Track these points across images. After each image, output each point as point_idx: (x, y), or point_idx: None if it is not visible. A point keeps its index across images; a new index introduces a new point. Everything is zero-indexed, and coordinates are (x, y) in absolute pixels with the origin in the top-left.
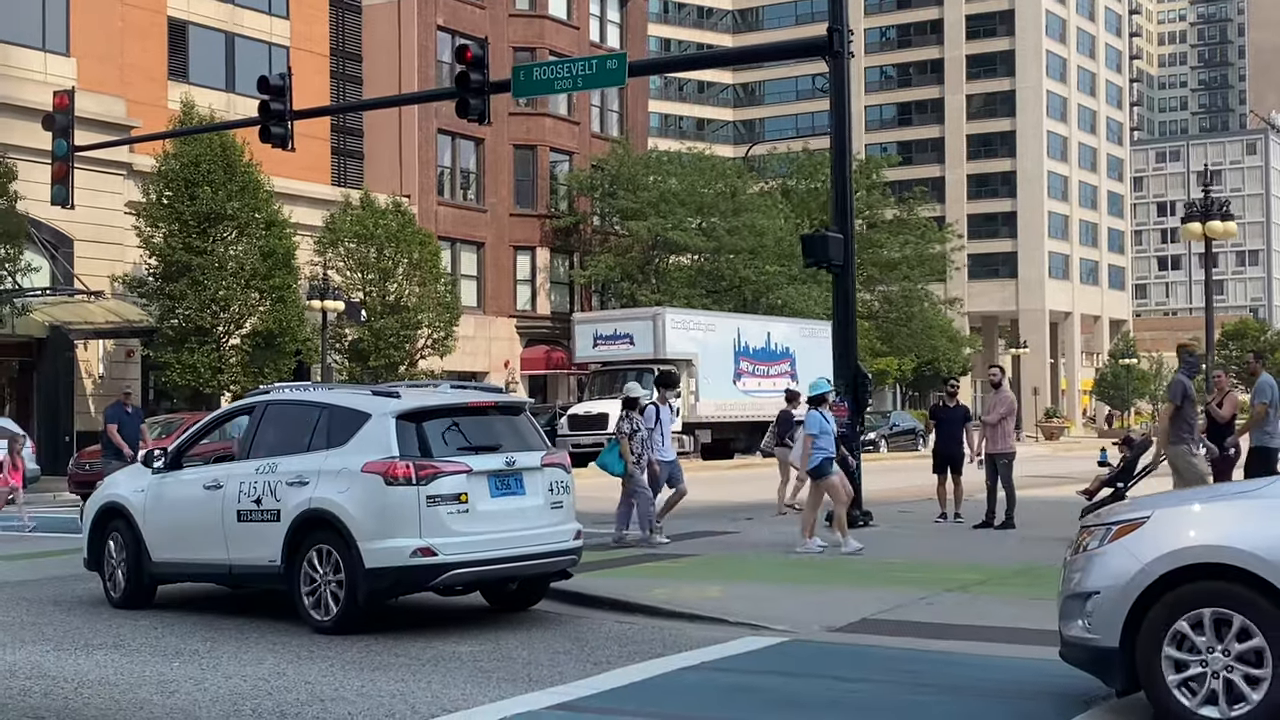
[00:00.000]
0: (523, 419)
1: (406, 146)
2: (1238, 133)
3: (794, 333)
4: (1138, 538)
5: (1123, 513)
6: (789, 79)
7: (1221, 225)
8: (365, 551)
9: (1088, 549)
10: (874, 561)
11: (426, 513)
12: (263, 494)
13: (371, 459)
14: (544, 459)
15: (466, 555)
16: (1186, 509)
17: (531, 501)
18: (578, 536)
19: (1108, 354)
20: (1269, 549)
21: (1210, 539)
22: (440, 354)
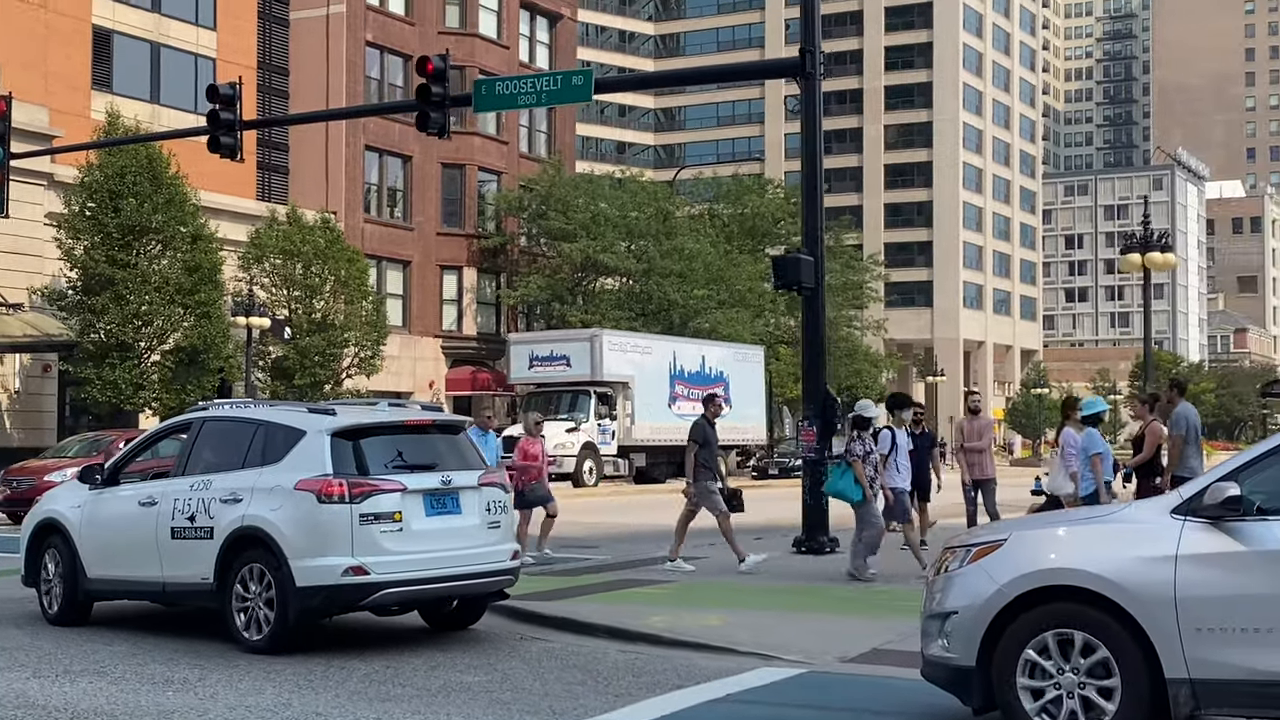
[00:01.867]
0: (462, 438)
1: (333, 162)
2: (1145, 168)
3: (728, 356)
4: (995, 559)
5: (983, 535)
6: (710, 104)
7: (1161, 257)
8: (296, 570)
9: (949, 570)
10: (858, 589)
11: (359, 531)
12: (197, 511)
13: (305, 476)
14: (481, 478)
15: (400, 574)
16: (1042, 532)
17: (468, 521)
18: (515, 557)
19: (1019, 383)
20: (1117, 571)
21: (1063, 562)
22: (367, 373)
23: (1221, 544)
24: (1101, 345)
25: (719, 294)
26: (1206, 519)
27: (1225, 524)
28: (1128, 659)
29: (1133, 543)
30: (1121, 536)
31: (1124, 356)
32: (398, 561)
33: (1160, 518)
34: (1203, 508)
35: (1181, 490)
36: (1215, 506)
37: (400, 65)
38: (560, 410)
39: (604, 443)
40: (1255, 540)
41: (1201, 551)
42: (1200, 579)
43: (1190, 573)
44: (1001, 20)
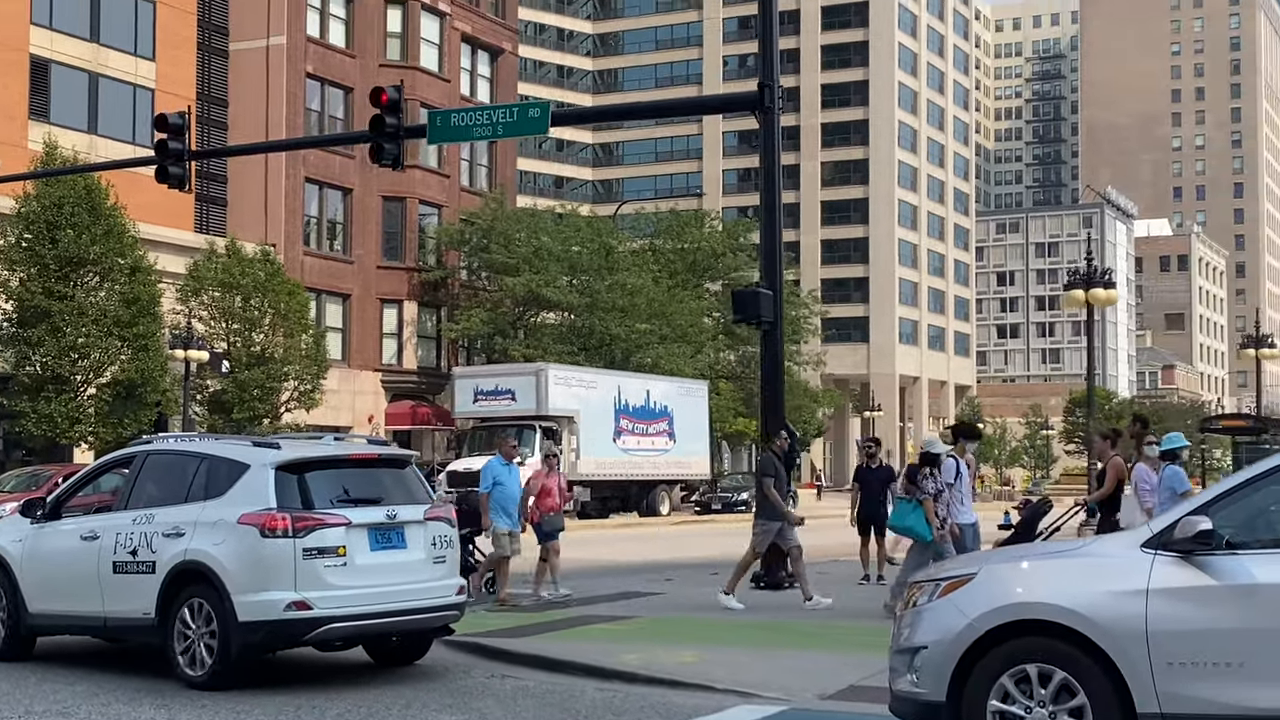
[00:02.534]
0: (408, 472)
1: (273, 194)
2: (1075, 206)
3: (673, 391)
4: (965, 593)
5: (951, 569)
6: (648, 140)
7: (1104, 293)
8: (239, 605)
9: (917, 604)
10: (820, 624)
11: (303, 565)
12: (139, 545)
13: (248, 510)
14: (427, 513)
15: (343, 609)
16: (1012, 566)
17: (413, 555)
18: (461, 591)
19: (954, 419)
20: (1088, 606)
21: (1034, 596)
22: (306, 407)
23: (1193, 578)
24: (1033, 381)
25: (661, 329)
26: (1177, 553)
27: (1196, 558)
28: (1099, 693)
29: (1104, 577)
30: (1092, 570)
31: (1055, 392)
32: (341, 596)
33: (1131, 552)
34: (1174, 542)
35: (1152, 524)
36: (1187, 540)
37: (341, 97)
38: None
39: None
40: (1226, 574)
41: (1173, 585)
42: (1171, 613)
43: (1161, 607)
44: (936, 59)
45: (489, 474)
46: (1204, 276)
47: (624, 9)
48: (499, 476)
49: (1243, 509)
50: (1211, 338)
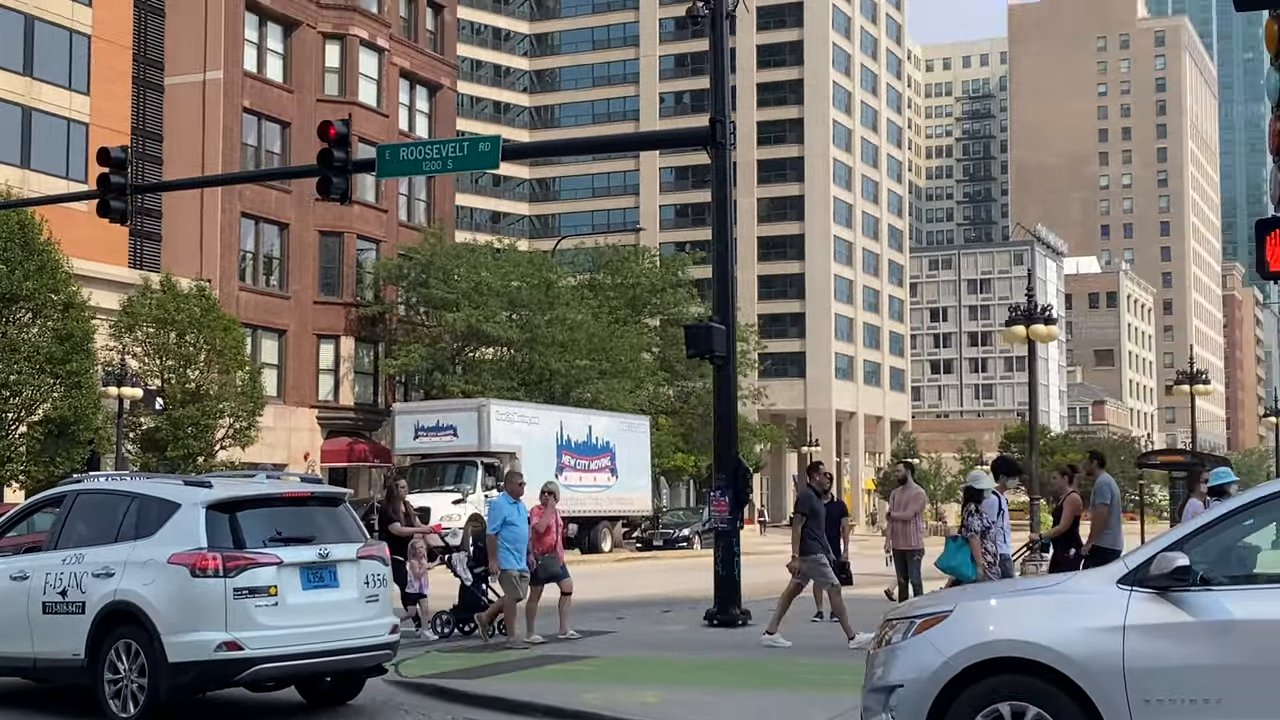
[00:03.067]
0: (341, 510)
1: (208, 229)
2: (1005, 244)
3: (614, 426)
4: (941, 631)
5: (926, 606)
6: (585, 175)
7: (1045, 329)
8: (169, 645)
9: (891, 642)
10: (780, 662)
11: (234, 605)
12: (68, 586)
13: (178, 550)
14: (360, 551)
15: (275, 649)
16: (988, 603)
17: (345, 594)
18: (394, 630)
19: (890, 454)
20: (1066, 643)
21: (1011, 633)
22: (242, 445)
23: (1169, 615)
24: (967, 416)
25: (600, 364)
26: (1153, 589)
27: (1172, 594)
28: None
29: (1080, 613)
30: (1069, 607)
31: (988, 428)
32: (273, 636)
33: (1107, 588)
34: (1150, 578)
35: (1127, 560)
36: (1163, 577)
37: (278, 132)
38: (446, 481)
39: None
40: (1203, 611)
41: (1149, 622)
42: (1148, 650)
43: (1138, 644)
44: (869, 98)
45: (498, 513)
46: (1132, 313)
47: (560, 45)
48: (509, 516)
49: (1216, 545)
50: (1140, 374)
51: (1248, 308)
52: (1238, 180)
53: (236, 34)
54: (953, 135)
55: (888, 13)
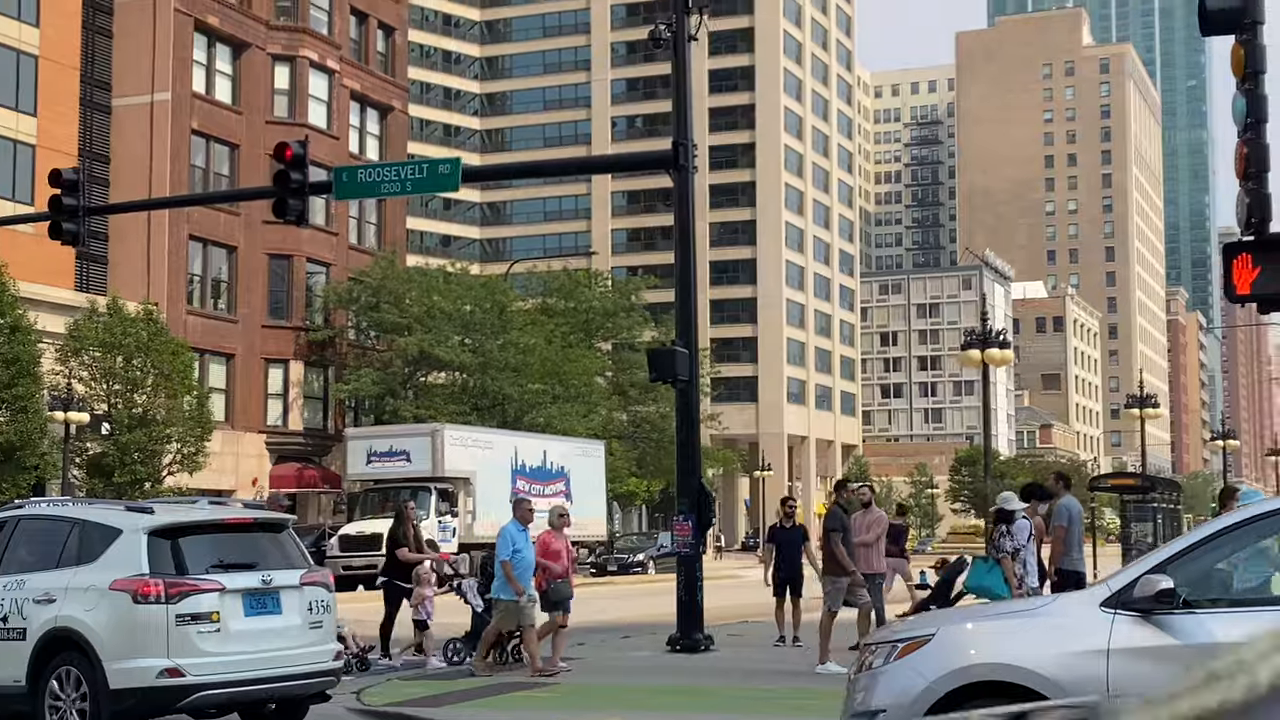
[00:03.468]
0: (284, 536)
1: (155, 252)
2: (954, 268)
3: (569, 451)
4: (923, 655)
5: (908, 630)
6: (537, 199)
7: (1000, 353)
8: (110, 672)
9: (872, 667)
10: (742, 688)
11: (175, 632)
12: (9, 612)
13: (120, 576)
14: (303, 578)
15: (217, 676)
16: (971, 626)
17: (288, 621)
18: (338, 657)
19: (841, 477)
20: (1050, 667)
21: (995, 657)
22: (190, 470)
23: (1153, 638)
24: (916, 440)
25: (554, 389)
26: (1137, 612)
27: (1155, 617)
28: None
29: (1064, 637)
30: (1052, 630)
31: (938, 451)
32: (215, 663)
33: (1090, 611)
34: (1133, 601)
35: (1110, 583)
36: (1147, 599)
37: (226, 154)
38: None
39: (445, 540)
40: (1186, 634)
41: (1133, 645)
42: (1132, 673)
43: (1122, 667)
44: (820, 123)
45: (508, 540)
46: (1079, 338)
47: (512, 69)
48: (517, 542)
49: (1199, 568)
50: (1086, 398)
51: (1191, 332)
52: (1181, 206)
53: (185, 55)
54: (901, 161)
55: (838, 39)
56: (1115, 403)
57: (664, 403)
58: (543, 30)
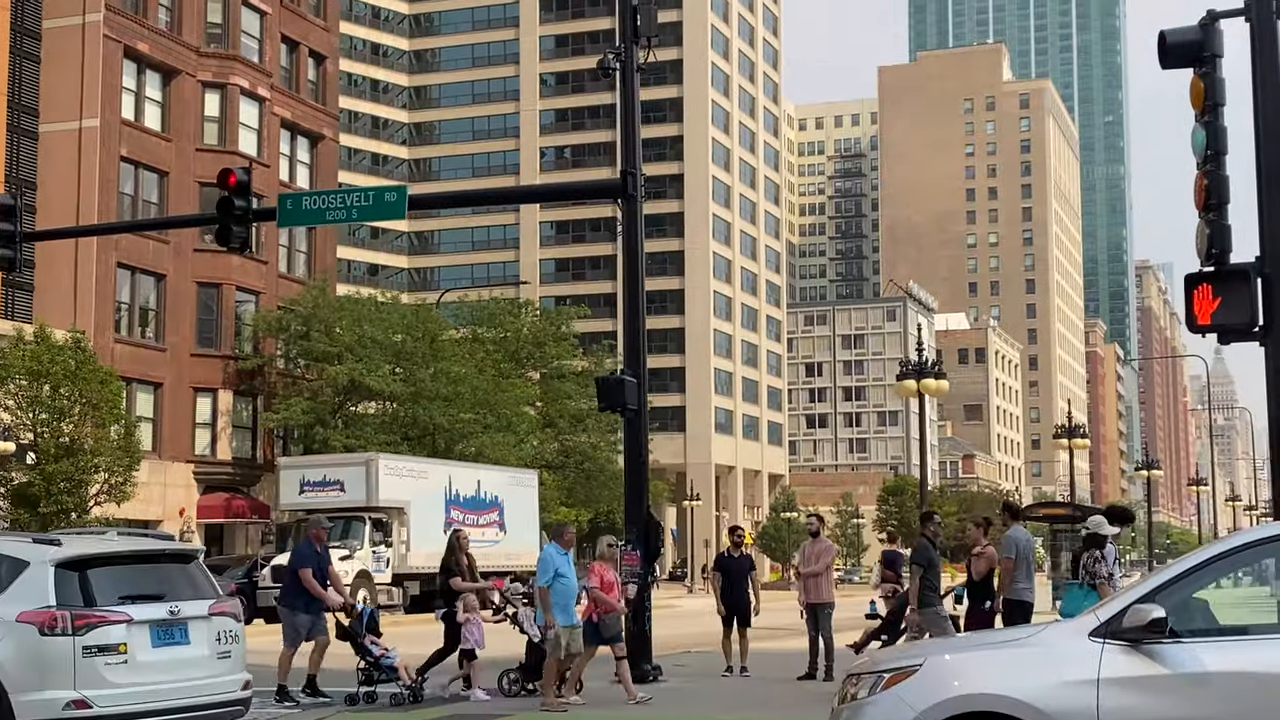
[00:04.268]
0: (193, 567)
1: (83, 280)
2: (878, 300)
3: (503, 481)
4: (910, 686)
5: (893, 660)
6: (465, 229)
7: (935, 383)
8: (16, 704)
9: (857, 698)
10: (705, 717)
11: (82, 664)
12: None
13: (27, 608)
14: (212, 608)
15: (124, 707)
16: (960, 656)
17: (196, 651)
18: (246, 687)
19: (769, 507)
20: (1041, 696)
21: (984, 687)
22: (117, 500)
23: (1143, 667)
24: (841, 470)
25: (485, 418)
26: (1126, 641)
27: (1145, 647)
28: None
29: (1053, 666)
30: (1041, 660)
31: (863, 481)
32: (122, 694)
33: (1079, 640)
34: (1123, 630)
35: (1098, 612)
36: (1138, 629)
37: (155, 181)
38: (333, 537)
39: (378, 570)
40: (1177, 663)
41: (1123, 675)
42: (1123, 703)
43: (1113, 697)
44: (748, 155)
45: (549, 565)
46: (1000, 369)
47: (440, 99)
48: (560, 568)
49: (1187, 597)
50: (1008, 428)
51: (1109, 364)
52: (1099, 240)
53: (114, 81)
54: (825, 193)
55: (765, 72)
56: (1036, 433)
57: (594, 433)
58: (471, 60)
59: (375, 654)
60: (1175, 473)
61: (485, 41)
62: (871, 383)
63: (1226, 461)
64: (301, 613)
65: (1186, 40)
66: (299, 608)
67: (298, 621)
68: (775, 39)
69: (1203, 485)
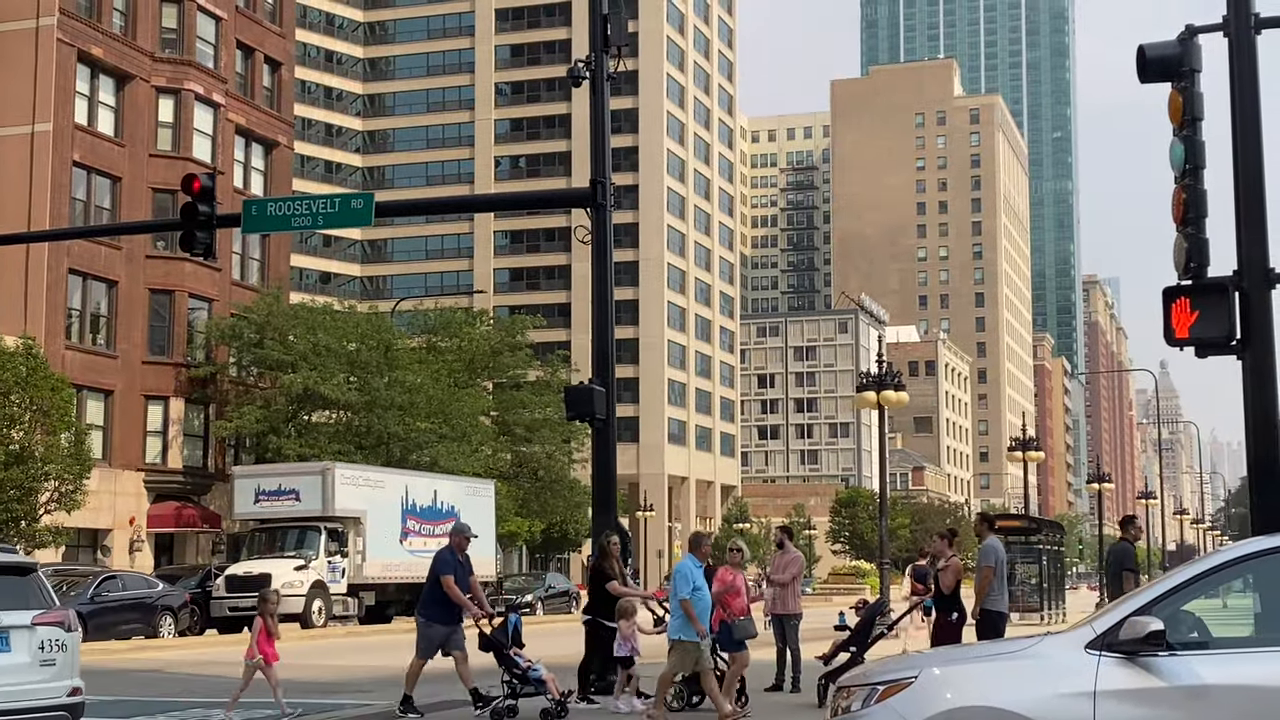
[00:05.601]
0: (29, 580)
1: (34, 286)
2: (830, 312)
3: (460, 491)
4: (905, 698)
5: (887, 672)
6: (419, 238)
7: (895, 395)
8: None
9: (850, 710)
10: None
11: None
12: None
13: None
14: (36, 618)
15: None
16: (955, 669)
17: (17, 659)
18: (75, 693)
19: (721, 518)
20: (1037, 709)
21: (979, 699)
22: (67, 509)
23: (1140, 680)
24: (793, 481)
25: (440, 427)
26: (1123, 654)
27: (1141, 659)
28: None
29: (1049, 679)
30: (1037, 672)
31: (815, 492)
32: None
33: (1075, 653)
34: (1119, 643)
35: (1095, 625)
36: (1135, 641)
37: (108, 186)
38: (288, 547)
39: (334, 581)
40: (1174, 676)
41: (1120, 688)
42: (1120, 716)
43: (1110, 709)
44: (702, 166)
45: (687, 577)
46: (950, 381)
47: (394, 107)
48: (697, 580)
49: (1182, 610)
50: (957, 440)
51: (1057, 377)
52: (1046, 254)
53: (67, 86)
54: (777, 205)
55: (720, 84)
56: (984, 446)
57: (549, 443)
58: (426, 69)
59: (521, 666)
60: (1122, 486)
61: (440, 50)
62: (823, 394)
63: (1172, 475)
64: (438, 624)
65: (1165, 55)
66: (435, 618)
67: (432, 634)
68: (730, 51)
69: (1151, 499)
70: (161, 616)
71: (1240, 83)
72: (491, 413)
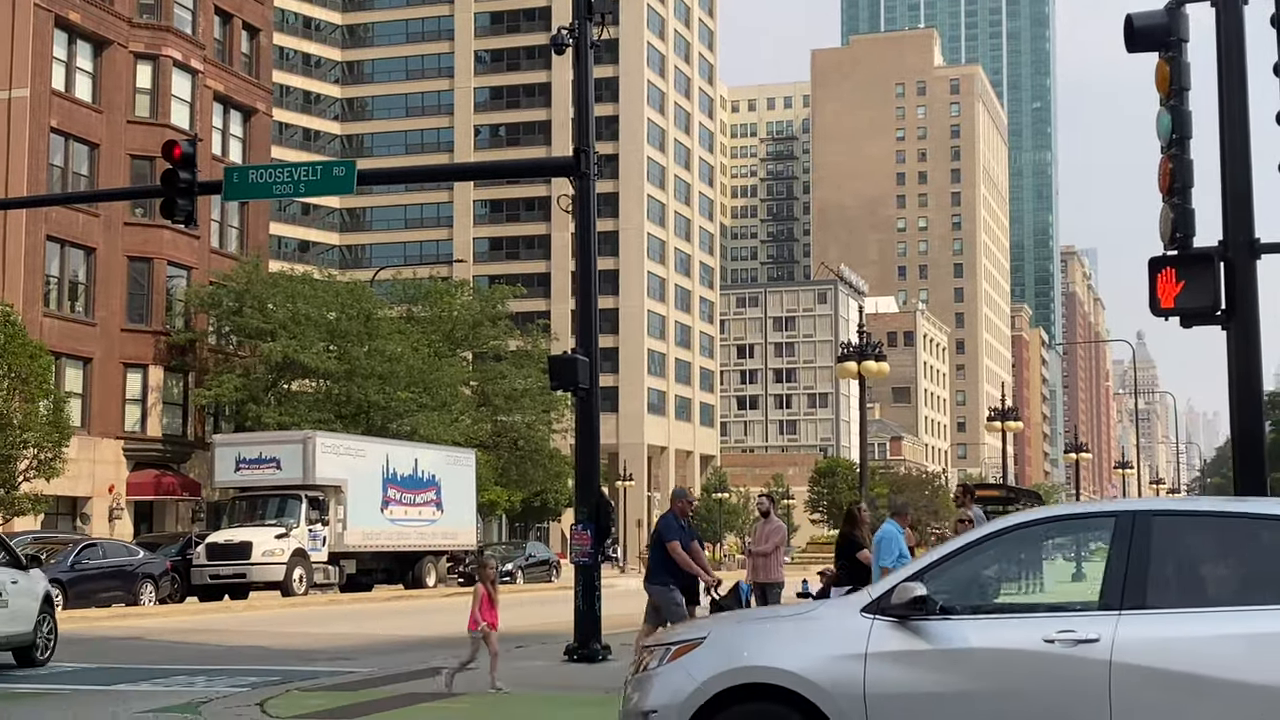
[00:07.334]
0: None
1: (11, 252)
2: (809, 282)
3: (440, 460)
4: (694, 657)
5: (682, 633)
6: (398, 206)
7: (875, 365)
8: None
9: (648, 668)
10: None
11: None
12: None
13: None
14: None
15: None
16: (741, 628)
17: None
18: None
19: (700, 488)
20: (812, 669)
21: (761, 659)
22: (46, 477)
23: (908, 643)
24: (771, 451)
25: (420, 397)
26: (894, 618)
27: (911, 623)
28: None
29: (827, 640)
30: (817, 634)
31: (793, 463)
32: None
33: (851, 616)
34: (890, 607)
35: (871, 589)
36: (902, 606)
37: (86, 153)
38: (269, 515)
39: (315, 549)
40: (939, 639)
41: (889, 650)
42: (888, 677)
43: (879, 671)
44: (683, 136)
45: (893, 544)
46: (928, 352)
47: (373, 74)
48: (903, 548)
49: (956, 576)
50: (935, 411)
51: (1034, 348)
52: (1025, 225)
53: (44, 51)
54: (757, 175)
55: (700, 53)
56: (961, 416)
57: (528, 412)
58: (405, 36)
59: None
60: (1098, 456)
61: (419, 17)
62: (802, 365)
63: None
64: (676, 588)
65: (1153, 24)
66: (673, 584)
67: (676, 598)
68: (711, 19)
69: (1128, 469)
70: (142, 584)
71: (1227, 53)
72: (471, 383)
